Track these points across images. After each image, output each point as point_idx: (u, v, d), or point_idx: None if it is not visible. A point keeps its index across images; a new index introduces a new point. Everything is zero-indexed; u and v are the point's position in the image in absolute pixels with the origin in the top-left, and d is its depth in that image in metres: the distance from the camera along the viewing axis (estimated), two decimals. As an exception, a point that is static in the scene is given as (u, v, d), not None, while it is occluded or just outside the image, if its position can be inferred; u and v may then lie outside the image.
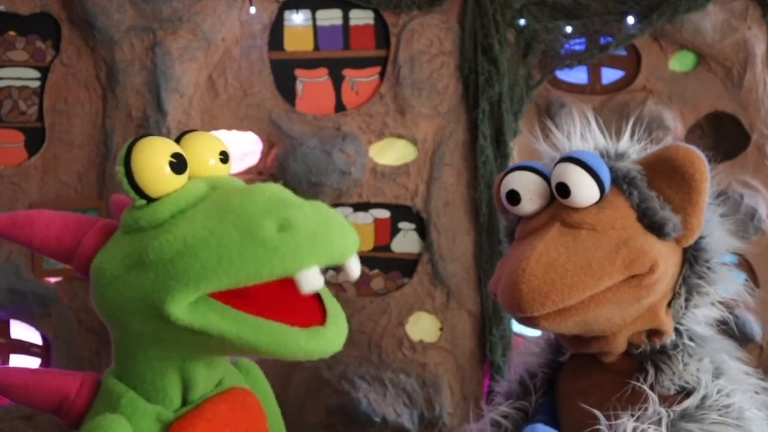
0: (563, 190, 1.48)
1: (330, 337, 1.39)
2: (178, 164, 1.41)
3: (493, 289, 1.58)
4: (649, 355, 1.56)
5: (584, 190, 1.47)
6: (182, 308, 1.32)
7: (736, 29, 2.58)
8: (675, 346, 1.56)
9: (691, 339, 1.58)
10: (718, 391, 1.49)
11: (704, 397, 1.48)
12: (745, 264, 2.60)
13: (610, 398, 1.54)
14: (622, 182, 1.50)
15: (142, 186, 1.40)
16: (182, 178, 1.43)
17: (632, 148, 1.62)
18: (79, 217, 1.55)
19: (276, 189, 1.41)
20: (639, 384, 1.52)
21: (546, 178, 1.55)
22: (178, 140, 1.51)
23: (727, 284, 1.60)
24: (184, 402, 1.52)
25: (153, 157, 1.40)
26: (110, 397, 1.49)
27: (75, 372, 1.61)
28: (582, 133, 1.64)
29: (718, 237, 1.58)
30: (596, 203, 1.49)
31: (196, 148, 1.50)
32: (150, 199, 1.41)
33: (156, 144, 1.41)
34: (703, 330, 1.62)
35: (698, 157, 1.48)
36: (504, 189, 1.58)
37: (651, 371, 1.54)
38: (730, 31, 2.58)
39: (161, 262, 1.34)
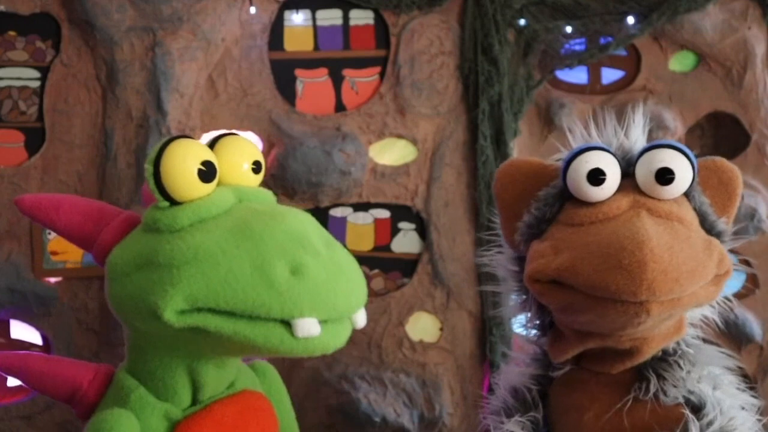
0: (665, 175, 1.43)
1: (330, 332, 1.37)
2: (207, 173, 1.40)
3: (545, 270, 1.42)
4: (649, 363, 1.53)
5: (686, 178, 1.44)
6: (175, 313, 1.33)
7: (736, 29, 2.58)
8: (675, 351, 1.54)
9: (687, 346, 1.57)
10: (727, 409, 1.47)
11: (721, 416, 1.46)
12: (745, 264, 2.60)
13: (608, 411, 1.51)
14: None
15: (168, 188, 1.39)
16: (210, 186, 1.42)
17: None
18: (103, 207, 1.56)
19: (299, 224, 1.39)
20: (641, 393, 1.49)
21: (618, 162, 1.48)
22: (215, 141, 1.50)
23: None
24: (194, 401, 1.52)
25: (183, 162, 1.38)
26: (121, 391, 1.50)
27: (90, 363, 1.62)
28: (633, 132, 1.59)
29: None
30: (674, 199, 1.45)
31: (232, 153, 1.49)
32: (174, 202, 1.40)
33: (188, 148, 1.40)
34: (695, 339, 1.61)
35: (740, 175, 1.53)
36: (585, 167, 1.45)
37: (653, 380, 1.50)
38: (730, 31, 2.58)
39: (167, 267, 1.34)
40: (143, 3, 2.41)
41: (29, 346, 2.54)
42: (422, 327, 2.59)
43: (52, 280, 2.50)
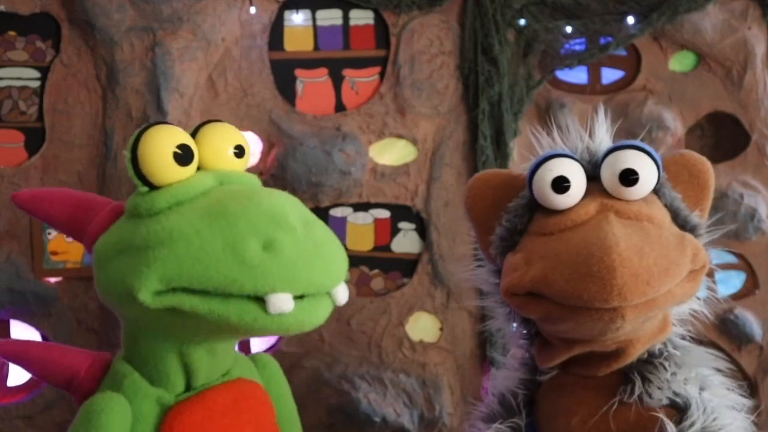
0: (629, 176, 1.42)
1: (305, 309, 1.35)
2: (183, 156, 1.42)
3: (520, 284, 1.41)
4: (635, 366, 1.52)
5: (650, 178, 1.43)
6: (150, 294, 1.34)
7: (736, 29, 2.58)
8: (660, 353, 1.53)
9: (674, 347, 1.56)
10: (712, 411, 1.46)
11: (703, 420, 1.45)
12: (745, 264, 2.60)
13: (594, 415, 1.50)
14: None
15: (145, 173, 1.41)
16: (188, 170, 1.43)
17: None
18: (94, 198, 1.59)
19: (276, 203, 1.38)
20: (626, 396, 1.48)
21: (583, 167, 1.48)
22: (197, 129, 1.51)
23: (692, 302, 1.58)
24: (188, 388, 1.53)
25: (158, 146, 1.40)
26: (115, 377, 1.53)
27: (87, 351, 1.66)
28: (598, 134, 1.58)
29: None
30: (642, 198, 1.45)
31: (213, 138, 1.50)
32: (153, 187, 1.42)
33: (163, 132, 1.42)
34: (683, 340, 1.60)
35: (711, 166, 1.53)
36: (549, 176, 1.45)
37: (638, 382, 1.49)
38: (730, 31, 2.58)
39: (143, 249, 1.36)
40: (143, 3, 2.41)
41: (29, 346, 2.54)
42: (422, 327, 2.59)
43: (52, 280, 2.50)
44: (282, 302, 1.30)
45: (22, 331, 2.54)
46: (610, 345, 1.49)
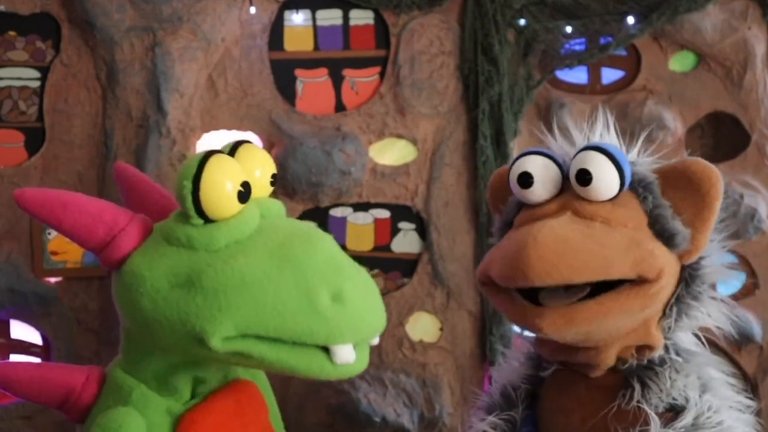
0: (584, 177, 1.45)
1: (359, 356, 1.42)
2: (245, 194, 1.41)
3: (484, 270, 1.52)
4: (635, 371, 1.53)
5: (606, 179, 1.45)
6: (221, 340, 1.34)
7: (736, 29, 2.58)
8: (662, 361, 1.54)
9: (677, 354, 1.56)
10: (708, 408, 1.47)
11: (697, 416, 1.46)
12: (745, 264, 2.60)
13: (594, 416, 1.51)
14: (638, 185, 1.49)
15: (205, 206, 1.38)
16: (241, 206, 1.42)
17: (642, 159, 1.59)
18: (112, 209, 1.49)
19: (332, 247, 1.43)
20: (625, 401, 1.49)
21: (560, 167, 1.53)
22: (234, 149, 1.50)
23: (714, 311, 1.57)
24: (193, 394, 1.54)
25: (224, 182, 1.38)
26: (120, 391, 1.51)
27: (79, 366, 1.62)
28: (601, 134, 1.61)
29: (717, 260, 1.56)
30: (610, 200, 1.47)
31: (254, 166, 1.50)
32: (207, 220, 1.40)
33: (227, 167, 1.40)
34: (689, 344, 1.60)
35: (716, 175, 1.47)
36: (516, 171, 1.53)
37: (637, 387, 1.50)
38: (730, 31, 2.58)
39: (213, 291, 1.34)
40: (143, 3, 2.41)
41: (29, 346, 2.54)
42: (422, 327, 2.59)
43: (52, 280, 2.50)
44: (347, 353, 1.37)
45: (22, 331, 2.54)
46: (581, 356, 1.54)
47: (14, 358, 2.53)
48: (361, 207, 2.59)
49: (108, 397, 1.52)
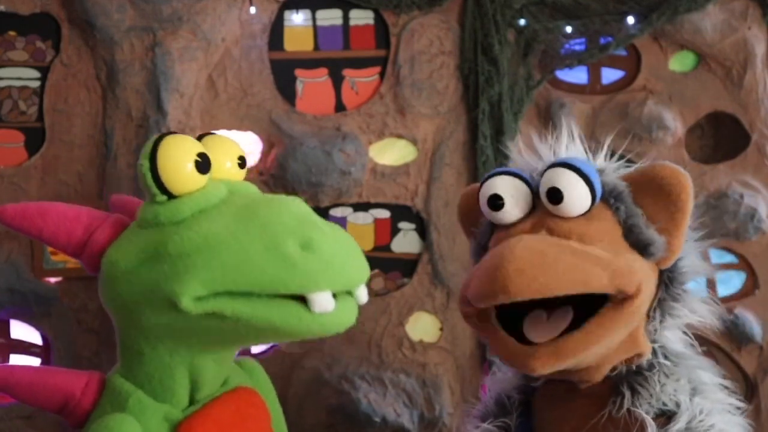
0: (555, 195, 1.44)
1: (341, 308, 1.38)
2: (203, 164, 1.43)
3: (463, 294, 1.51)
4: (624, 377, 1.52)
5: (577, 196, 1.44)
6: (192, 300, 1.34)
7: (736, 29, 2.58)
8: (651, 366, 1.53)
9: (666, 357, 1.55)
10: (700, 412, 1.46)
11: (689, 420, 1.45)
12: (745, 264, 2.60)
13: (586, 425, 1.51)
14: (609, 196, 1.48)
15: (166, 182, 1.41)
16: (204, 178, 1.45)
17: (609, 165, 1.57)
18: (90, 211, 1.55)
19: (301, 206, 1.43)
20: (616, 408, 1.48)
21: (528, 184, 1.52)
22: (199, 139, 1.52)
23: (697, 307, 1.57)
24: (191, 401, 1.52)
25: (179, 155, 1.41)
26: (117, 397, 1.50)
27: (79, 371, 1.61)
28: (567, 146, 1.59)
29: (694, 259, 1.55)
30: (583, 215, 1.45)
31: (216, 150, 1.52)
32: (171, 196, 1.42)
33: (183, 142, 1.43)
34: (677, 347, 1.59)
35: (685, 177, 1.46)
36: (486, 193, 1.53)
37: (627, 394, 1.49)
38: (730, 31, 2.58)
39: (179, 256, 1.36)
40: (143, 3, 2.41)
41: (29, 346, 2.54)
42: (422, 327, 2.59)
43: (52, 280, 2.50)
44: (325, 301, 1.33)
45: (22, 331, 2.54)
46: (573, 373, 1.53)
47: (14, 358, 2.53)
48: (361, 207, 2.59)
49: (106, 404, 1.52)
